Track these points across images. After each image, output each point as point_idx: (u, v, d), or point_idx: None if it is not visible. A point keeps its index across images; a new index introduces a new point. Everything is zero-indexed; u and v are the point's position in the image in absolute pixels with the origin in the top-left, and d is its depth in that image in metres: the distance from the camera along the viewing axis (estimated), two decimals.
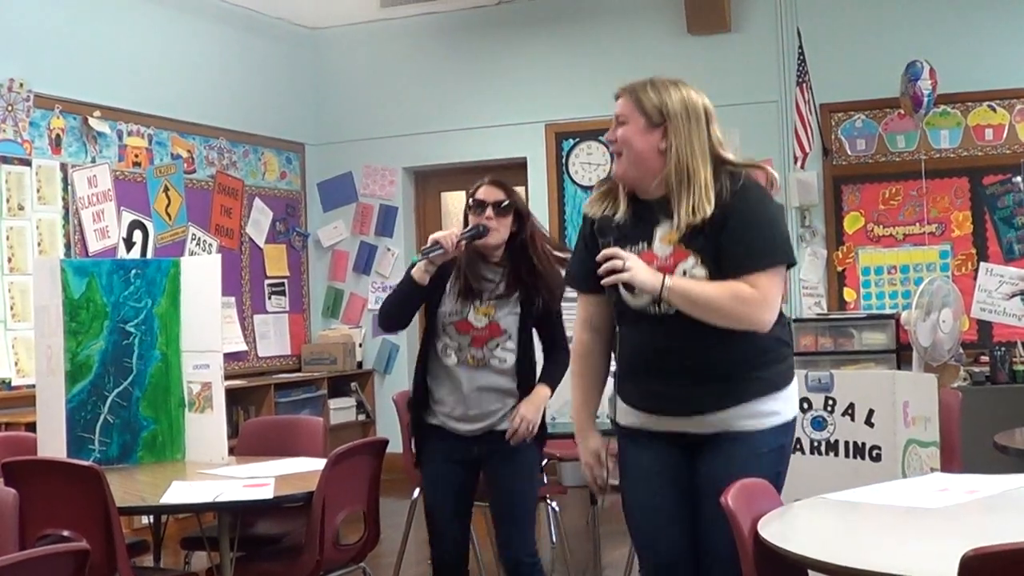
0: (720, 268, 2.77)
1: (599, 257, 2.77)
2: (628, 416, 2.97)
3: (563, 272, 3.57)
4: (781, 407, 2.87)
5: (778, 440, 2.86)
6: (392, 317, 3.87)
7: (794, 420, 2.93)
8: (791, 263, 2.86)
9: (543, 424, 3.92)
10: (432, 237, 3.75)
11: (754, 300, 2.74)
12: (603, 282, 2.76)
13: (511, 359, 3.85)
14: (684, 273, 2.80)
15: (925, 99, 6.98)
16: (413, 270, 3.78)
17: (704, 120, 2.85)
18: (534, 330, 3.92)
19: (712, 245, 2.78)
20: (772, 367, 2.86)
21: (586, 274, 2.97)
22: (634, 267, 2.74)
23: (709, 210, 2.75)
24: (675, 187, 2.79)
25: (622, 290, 2.87)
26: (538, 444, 3.94)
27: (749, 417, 2.82)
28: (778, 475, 2.85)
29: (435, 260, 3.72)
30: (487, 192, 3.82)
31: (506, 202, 3.81)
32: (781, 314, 2.87)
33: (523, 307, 3.86)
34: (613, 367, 3.07)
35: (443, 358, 3.85)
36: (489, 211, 3.79)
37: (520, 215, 3.86)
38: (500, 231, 3.81)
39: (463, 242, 3.75)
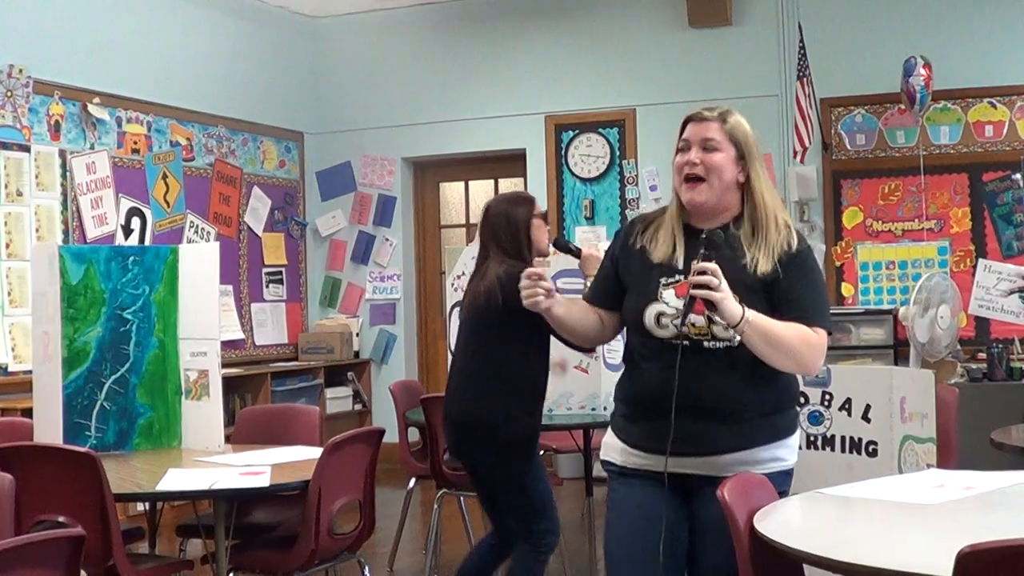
0: (778, 311, 2.74)
1: (696, 266, 2.66)
2: (629, 457, 2.88)
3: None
4: (786, 454, 2.84)
5: (781, 486, 2.80)
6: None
7: (793, 470, 2.89)
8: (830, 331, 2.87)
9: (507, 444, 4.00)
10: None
11: (817, 345, 2.75)
12: (692, 292, 2.65)
13: None
14: None
15: (918, 94, 6.98)
16: None
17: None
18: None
19: (761, 287, 2.74)
20: (784, 414, 2.85)
21: (606, 290, 2.96)
22: (726, 292, 2.65)
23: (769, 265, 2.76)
24: (760, 226, 2.79)
25: (647, 319, 2.81)
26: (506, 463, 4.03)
27: (757, 463, 2.78)
28: None
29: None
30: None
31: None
32: None
33: None
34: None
35: None
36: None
37: None
38: None
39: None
